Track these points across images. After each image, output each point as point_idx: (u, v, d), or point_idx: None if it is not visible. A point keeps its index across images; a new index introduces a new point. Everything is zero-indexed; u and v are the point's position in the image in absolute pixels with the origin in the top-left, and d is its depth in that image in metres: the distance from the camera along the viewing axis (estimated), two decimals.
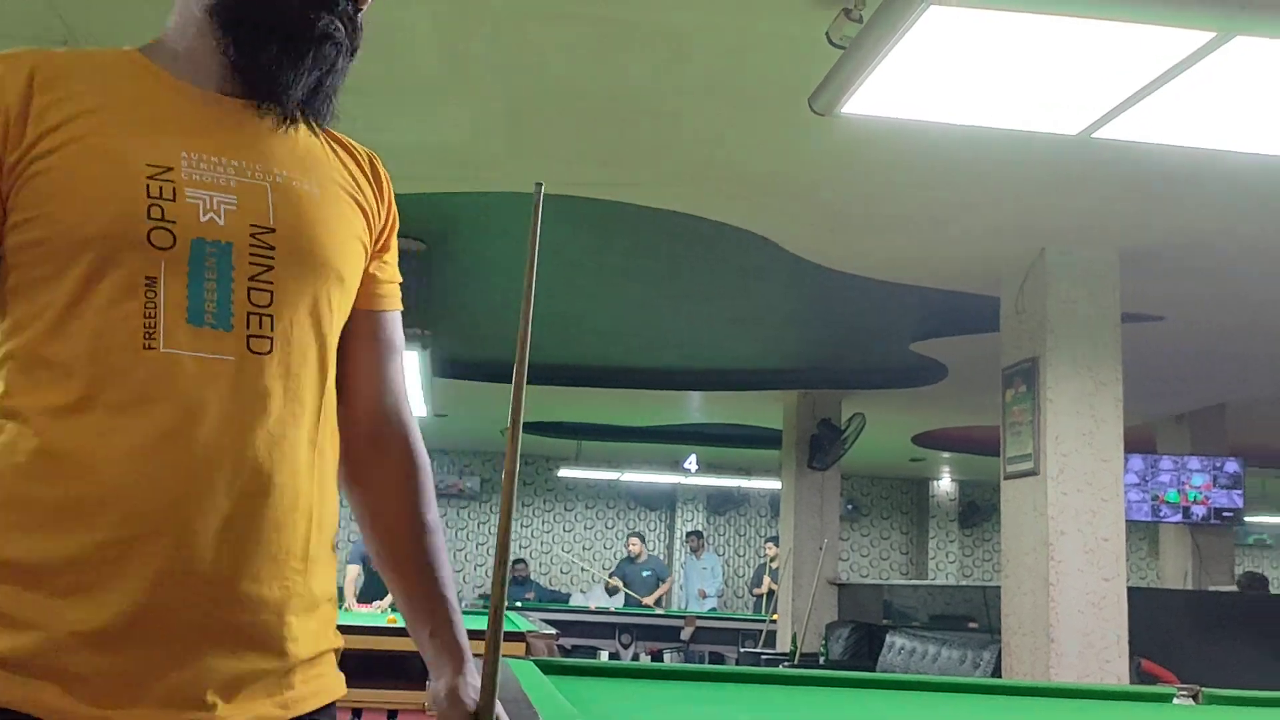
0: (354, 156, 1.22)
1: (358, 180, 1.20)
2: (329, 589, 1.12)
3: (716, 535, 14.16)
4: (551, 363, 7.87)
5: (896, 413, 9.32)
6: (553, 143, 4.05)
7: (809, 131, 3.62)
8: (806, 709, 2.52)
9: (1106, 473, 4.75)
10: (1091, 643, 4.58)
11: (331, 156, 1.19)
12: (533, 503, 13.84)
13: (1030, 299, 4.97)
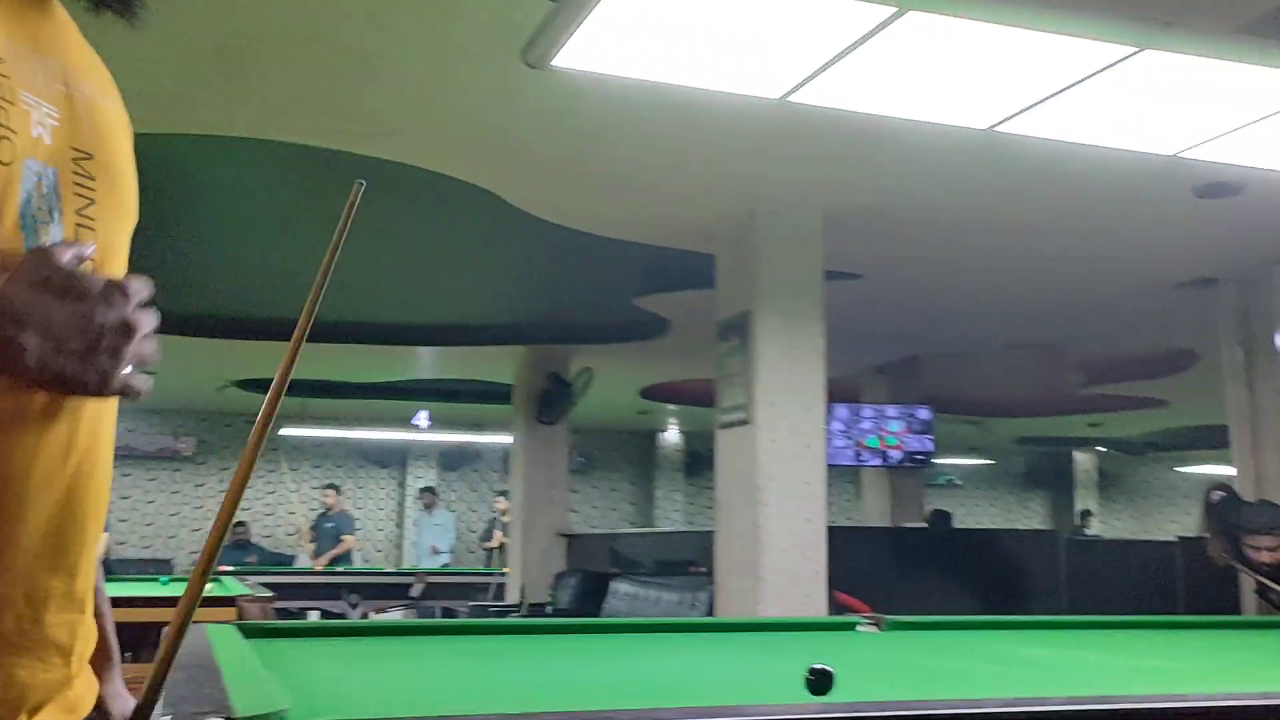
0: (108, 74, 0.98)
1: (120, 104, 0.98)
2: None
3: (449, 491, 14.09)
4: (270, 317, 7.56)
5: (624, 367, 9.55)
6: (264, 87, 3.86)
7: (525, 85, 3.63)
8: (514, 656, 2.57)
9: (810, 421, 5.06)
10: (796, 580, 4.89)
11: (104, 67, 0.95)
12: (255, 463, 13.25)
13: (742, 257, 5.20)
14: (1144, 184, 4.63)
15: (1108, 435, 15.44)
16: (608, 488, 14.89)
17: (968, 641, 3.09)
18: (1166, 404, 11.82)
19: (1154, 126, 3.10)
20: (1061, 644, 3.01)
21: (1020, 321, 7.74)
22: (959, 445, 14.97)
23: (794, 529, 4.93)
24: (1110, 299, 6.91)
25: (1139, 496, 17.89)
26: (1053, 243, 5.64)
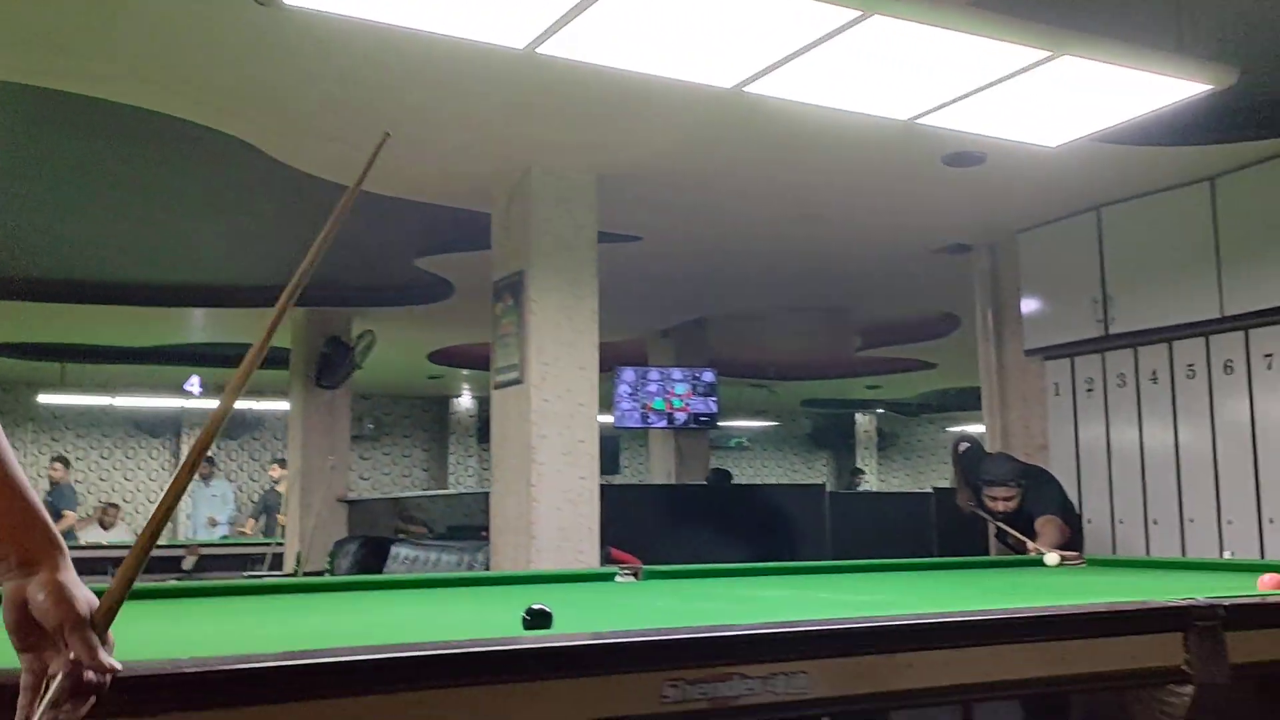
0: None
1: None
2: None
3: (228, 460, 13.55)
4: (18, 277, 7.06)
5: (410, 330, 9.39)
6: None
7: (277, 32, 3.49)
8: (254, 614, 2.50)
9: (584, 380, 5.11)
10: (568, 535, 4.94)
11: None
12: (12, 434, 12.39)
13: (516, 215, 5.18)
14: (897, 151, 4.86)
15: (885, 397, 16.25)
16: (399, 454, 14.65)
17: (716, 586, 3.20)
18: (935, 366, 12.52)
19: (889, 92, 3.26)
20: (802, 586, 3.16)
21: (796, 285, 8.02)
22: (747, 408, 15.44)
23: (567, 486, 4.98)
24: (876, 263, 7.24)
25: (914, 454, 18.93)
26: (815, 207, 5.86)
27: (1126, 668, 1.78)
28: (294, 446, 8.34)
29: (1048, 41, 2.85)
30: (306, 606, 2.70)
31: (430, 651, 1.35)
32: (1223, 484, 5.21)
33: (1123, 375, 5.73)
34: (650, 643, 1.47)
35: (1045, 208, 5.88)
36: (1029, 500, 5.00)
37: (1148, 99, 3.24)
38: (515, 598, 2.85)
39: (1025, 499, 5.01)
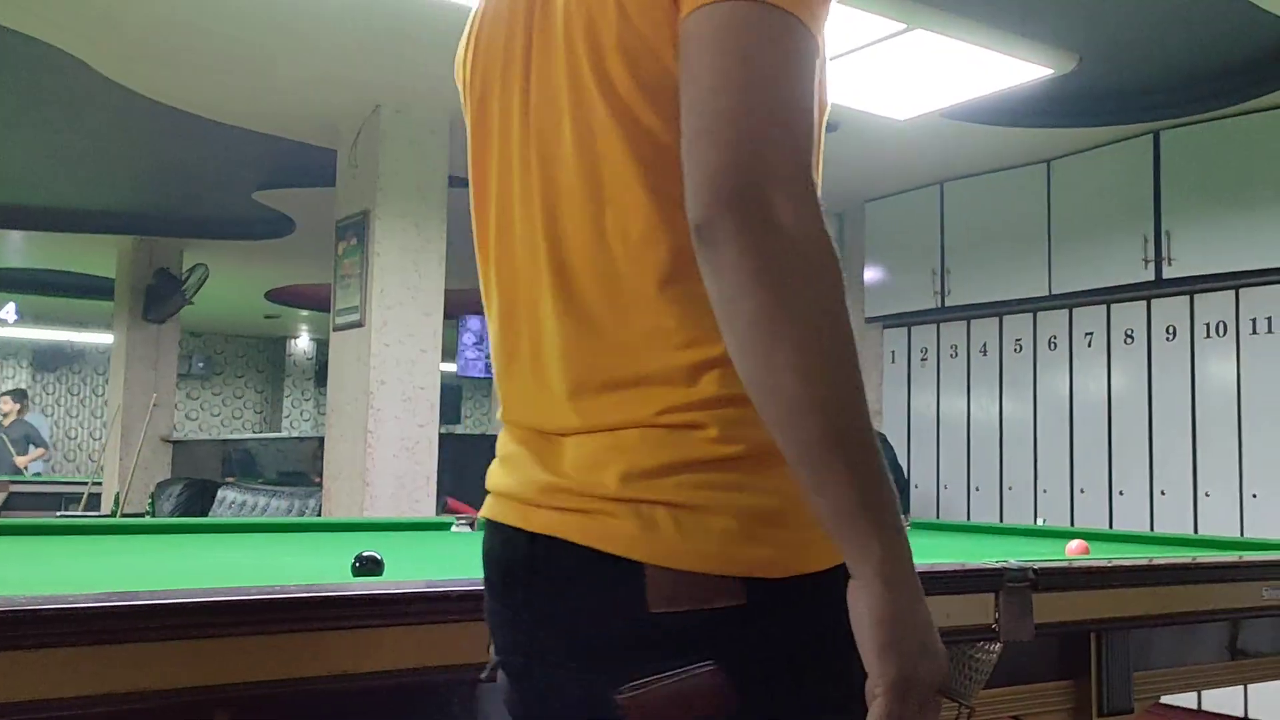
0: None
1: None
2: None
3: (45, 394, 12.84)
4: None
5: (246, 266, 9.03)
6: None
7: None
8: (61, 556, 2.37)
9: (427, 326, 5.01)
10: (404, 484, 4.86)
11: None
12: None
13: (364, 154, 5.02)
14: None
15: None
16: (231, 394, 14.14)
17: None
18: None
19: None
20: None
21: None
22: None
23: (405, 434, 4.89)
24: None
25: None
26: None
27: (942, 626, 1.84)
28: (115, 381, 7.94)
29: (903, 14, 2.90)
30: (126, 548, 2.58)
31: (255, 596, 1.30)
32: (1040, 454, 5.50)
33: (955, 346, 5.96)
34: (480, 591, 1.44)
35: (893, 179, 6.04)
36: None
37: (993, 79, 3.34)
38: (347, 545, 2.78)
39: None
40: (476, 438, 8.02)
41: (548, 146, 0.97)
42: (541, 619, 0.93)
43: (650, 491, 0.87)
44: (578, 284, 0.94)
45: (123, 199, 7.11)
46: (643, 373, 0.90)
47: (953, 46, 3.05)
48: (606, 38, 0.90)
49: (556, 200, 0.96)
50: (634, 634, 0.87)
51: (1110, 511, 5.14)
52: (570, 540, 0.90)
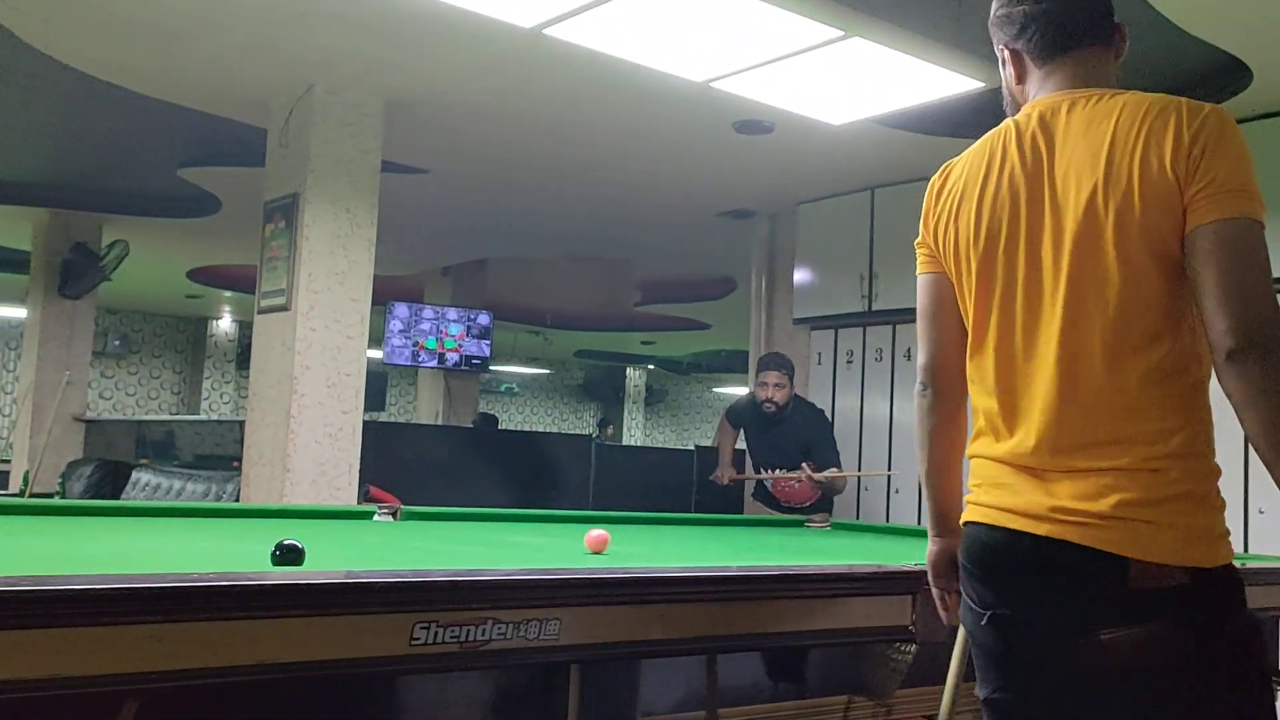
0: None
1: None
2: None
3: None
4: None
5: (168, 244, 8.83)
6: None
7: None
8: None
9: (354, 311, 4.94)
10: (325, 471, 4.80)
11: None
12: None
13: (295, 134, 4.93)
14: (689, 112, 4.91)
15: (657, 354, 16.59)
16: (148, 374, 13.81)
17: (475, 530, 3.18)
18: (709, 327, 12.86)
19: (687, 52, 3.27)
20: (560, 534, 3.18)
21: (580, 235, 8.03)
22: (520, 354, 15.43)
23: (328, 420, 4.83)
24: (660, 221, 7.33)
25: (680, 412, 19.44)
26: (608, 158, 5.86)
27: (861, 625, 1.88)
28: (28, 357, 7.71)
29: (841, 21, 2.93)
30: (34, 529, 2.51)
31: (170, 584, 1.27)
32: None
33: (880, 350, 6.04)
34: (401, 583, 1.43)
35: (826, 182, 6.10)
36: (818, 434, 5.32)
37: (927, 89, 3.39)
38: (266, 532, 2.74)
39: (812, 430, 5.30)
40: (401, 426, 7.96)
41: (1076, 285, 1.47)
42: (1044, 588, 1.45)
43: (1133, 513, 1.40)
44: (1081, 372, 1.46)
45: (39, 170, 6.90)
46: (1126, 434, 1.43)
47: (889, 55, 3.09)
48: (1130, 225, 1.44)
49: (1077, 319, 1.47)
50: (1118, 601, 1.39)
51: None
52: (1073, 542, 1.42)
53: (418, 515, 3.41)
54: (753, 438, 5.50)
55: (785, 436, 5.30)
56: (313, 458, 4.78)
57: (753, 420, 5.47)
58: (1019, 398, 1.52)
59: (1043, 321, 1.50)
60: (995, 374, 1.55)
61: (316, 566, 1.74)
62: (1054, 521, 1.43)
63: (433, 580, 1.44)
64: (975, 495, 1.56)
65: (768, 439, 5.37)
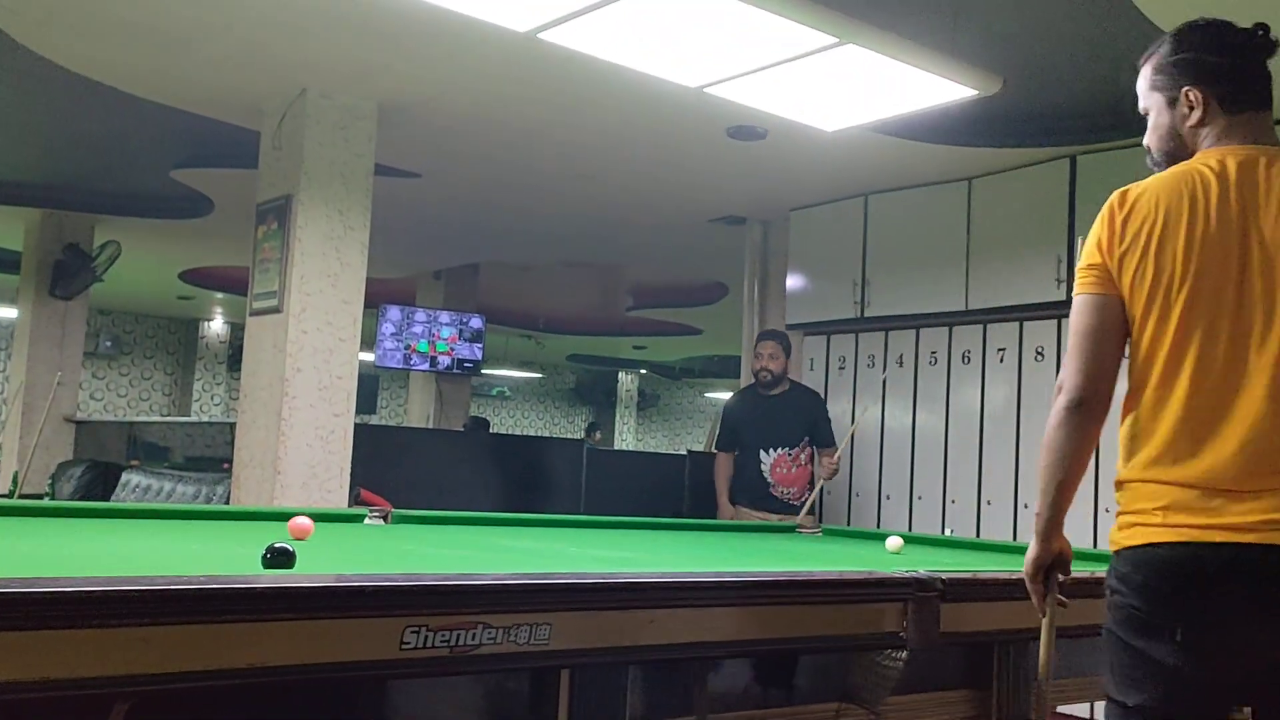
0: None
1: None
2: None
3: None
4: None
5: (160, 245, 8.81)
6: None
7: None
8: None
9: (346, 314, 4.94)
10: (316, 474, 4.79)
11: None
12: None
13: (289, 137, 4.93)
14: (683, 117, 4.92)
15: (649, 359, 16.59)
16: (139, 375, 13.77)
17: (466, 534, 3.17)
18: (701, 332, 12.87)
19: (681, 58, 3.28)
20: (552, 539, 3.18)
21: (572, 239, 8.02)
22: (512, 358, 15.42)
23: (320, 423, 4.82)
24: (652, 226, 7.34)
25: (672, 417, 19.45)
26: (600, 163, 5.86)
27: (853, 632, 1.88)
28: (19, 358, 7.69)
29: (836, 28, 2.94)
30: (22, 531, 2.50)
31: (161, 586, 1.27)
32: (950, 466, 5.61)
33: (872, 356, 6.05)
34: (392, 587, 1.43)
35: (819, 189, 6.11)
36: (818, 412, 5.60)
37: (921, 96, 3.40)
38: (257, 534, 2.74)
39: (809, 415, 5.54)
40: (392, 429, 7.94)
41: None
42: (1265, 599, 1.58)
43: None
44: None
45: (33, 169, 6.88)
46: None
47: (883, 63, 3.10)
48: None
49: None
50: None
51: (1015, 524, 5.27)
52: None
53: (409, 519, 3.41)
54: (752, 421, 5.58)
55: (786, 413, 5.52)
56: (304, 460, 4.77)
57: (751, 403, 5.64)
58: (1217, 424, 1.65)
59: (1252, 355, 1.64)
60: (1188, 401, 1.67)
61: (307, 569, 1.74)
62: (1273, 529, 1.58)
63: (423, 584, 1.44)
64: (1161, 517, 1.66)
65: (769, 418, 5.52)
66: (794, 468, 5.50)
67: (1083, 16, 3.69)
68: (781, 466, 5.49)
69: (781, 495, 5.46)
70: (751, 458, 5.55)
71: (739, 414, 5.73)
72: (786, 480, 5.49)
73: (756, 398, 5.65)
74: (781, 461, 5.49)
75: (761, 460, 5.51)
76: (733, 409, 5.84)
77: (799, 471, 5.52)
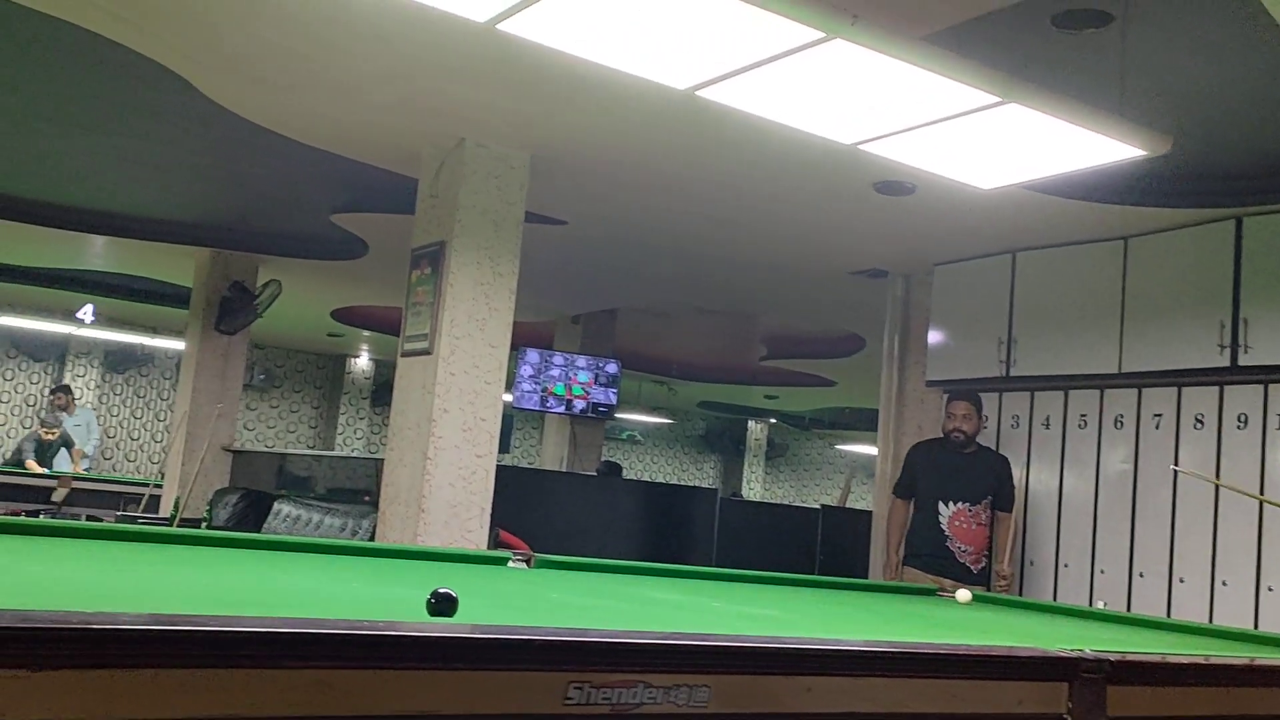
0: None
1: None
2: None
3: (114, 394, 13.10)
4: None
5: (316, 284, 9.18)
6: None
7: None
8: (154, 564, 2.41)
9: (493, 358, 5.05)
10: (458, 513, 4.89)
11: None
12: None
13: (445, 185, 5.09)
14: (832, 172, 4.92)
15: (780, 408, 16.47)
16: (288, 408, 14.33)
17: (608, 582, 3.19)
18: (835, 384, 12.73)
19: (837, 115, 3.28)
20: (694, 591, 3.17)
21: (711, 288, 8.06)
22: (645, 402, 15.50)
23: (463, 463, 4.93)
24: (792, 278, 7.32)
25: (800, 467, 19.22)
26: (746, 215, 5.89)
27: (1012, 711, 1.82)
28: (184, 388, 8.09)
29: (999, 88, 2.90)
30: (187, 559, 2.61)
31: (339, 630, 1.32)
32: (1100, 534, 5.40)
33: (1017, 417, 5.89)
34: (559, 642, 1.45)
35: (965, 244, 6.01)
36: (1005, 475, 5.49)
37: (1085, 155, 3.33)
38: (408, 573, 2.81)
39: (996, 475, 5.46)
40: (529, 471, 8.06)
41: None
42: None
43: None
44: None
45: (204, 211, 7.28)
46: None
47: (1046, 122, 3.05)
48: None
49: None
50: None
51: (1169, 599, 5.03)
52: None
53: (550, 564, 3.44)
54: (934, 470, 5.49)
55: (973, 468, 5.43)
56: (446, 499, 4.88)
57: (939, 456, 5.54)
58: None
59: None
60: None
61: (465, 615, 1.77)
62: None
63: (589, 640, 1.45)
64: None
65: (953, 469, 5.44)
66: (974, 525, 5.35)
67: (1256, 76, 3.57)
68: (960, 520, 5.34)
69: (958, 551, 5.31)
70: (929, 509, 5.42)
71: (922, 461, 5.62)
72: (965, 536, 5.33)
73: (945, 452, 5.52)
74: (961, 515, 5.35)
75: (940, 512, 5.37)
76: (917, 454, 5.72)
77: (978, 530, 5.36)
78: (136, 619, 1.22)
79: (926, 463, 5.56)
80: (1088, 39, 3.48)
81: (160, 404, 13.38)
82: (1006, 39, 3.56)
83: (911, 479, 5.59)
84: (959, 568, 5.26)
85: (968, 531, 5.33)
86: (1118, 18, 3.36)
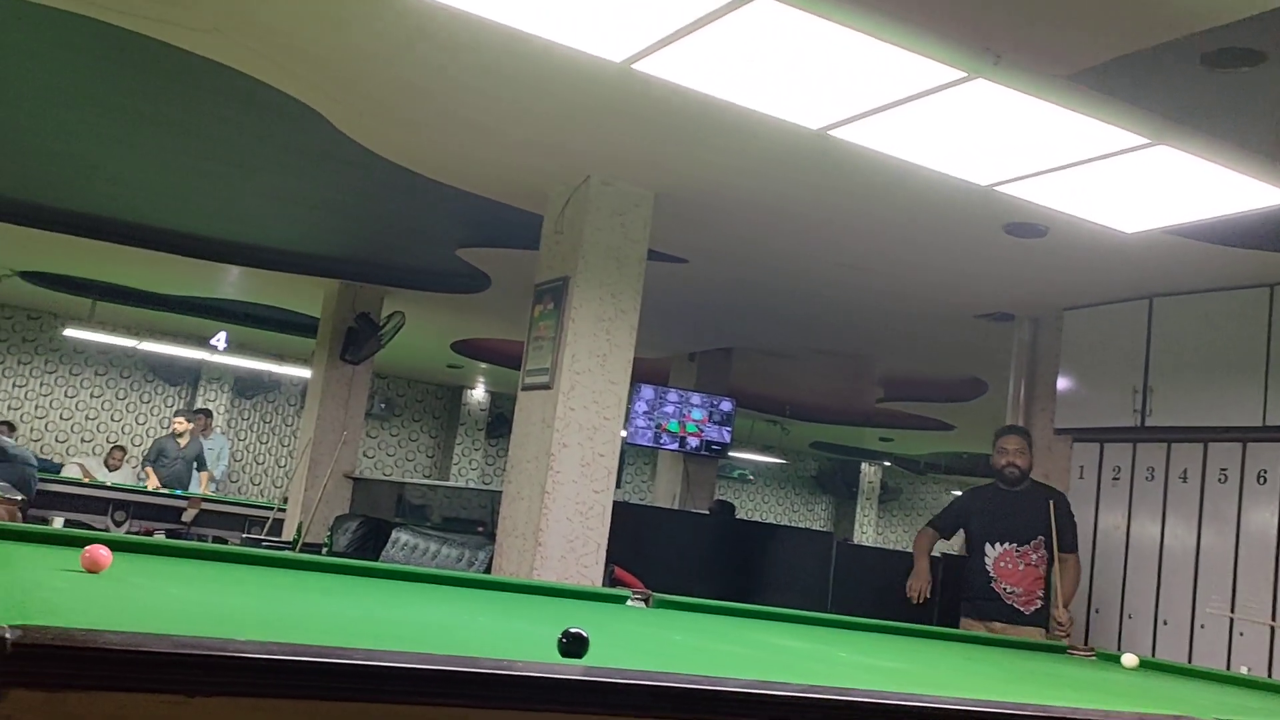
0: None
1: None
2: None
3: (241, 419, 13.56)
4: (61, 208, 7.06)
5: (438, 317, 9.37)
6: None
7: (368, 8, 3.47)
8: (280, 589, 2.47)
9: (612, 394, 5.07)
10: (574, 548, 4.90)
11: None
12: (31, 361, 12.45)
13: (570, 222, 5.15)
14: (961, 213, 4.81)
15: (894, 451, 16.16)
16: (406, 437, 14.62)
17: (728, 626, 3.15)
18: (953, 429, 12.44)
19: (974, 155, 3.22)
20: (816, 639, 3.11)
21: (829, 329, 7.97)
22: (757, 441, 15.39)
23: (581, 498, 4.94)
24: (915, 320, 7.19)
25: (914, 512, 18.81)
26: (870, 255, 5.81)
27: None
28: (309, 416, 8.32)
29: (1150, 129, 2.81)
30: (319, 587, 2.66)
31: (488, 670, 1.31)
32: (1240, 594, 5.14)
33: (1152, 469, 5.66)
34: (697, 690, 1.42)
35: (1097, 288, 5.82)
36: (1063, 515, 5.17)
37: (1236, 200, 3.20)
38: (530, 609, 2.82)
39: (1049, 513, 5.14)
40: (642, 508, 8.05)
41: None
42: None
43: None
44: None
45: (336, 244, 7.50)
46: None
47: (1197, 165, 2.94)
48: None
49: None
50: None
51: None
52: None
53: (668, 604, 3.41)
54: (984, 513, 5.31)
55: (1022, 508, 5.19)
56: (563, 534, 4.89)
57: (987, 497, 5.38)
58: None
59: None
60: None
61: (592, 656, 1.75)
62: None
63: (727, 690, 1.42)
64: None
65: (1001, 510, 5.24)
66: (1021, 565, 5.13)
67: None
68: (1006, 561, 5.15)
69: (1004, 593, 5.12)
70: (978, 552, 5.26)
71: (971, 505, 5.48)
72: (1011, 578, 5.13)
73: (995, 492, 5.34)
74: (1007, 556, 5.15)
75: (986, 554, 5.20)
76: (966, 497, 5.62)
77: (1026, 571, 5.13)
78: (288, 649, 1.24)
79: (975, 505, 5.41)
80: (1238, 78, 3.35)
81: (285, 429, 13.79)
82: (1152, 78, 3.45)
83: (955, 516, 5.50)
84: (1007, 610, 5.09)
85: (1014, 572, 5.13)
86: (1270, 56, 3.23)
